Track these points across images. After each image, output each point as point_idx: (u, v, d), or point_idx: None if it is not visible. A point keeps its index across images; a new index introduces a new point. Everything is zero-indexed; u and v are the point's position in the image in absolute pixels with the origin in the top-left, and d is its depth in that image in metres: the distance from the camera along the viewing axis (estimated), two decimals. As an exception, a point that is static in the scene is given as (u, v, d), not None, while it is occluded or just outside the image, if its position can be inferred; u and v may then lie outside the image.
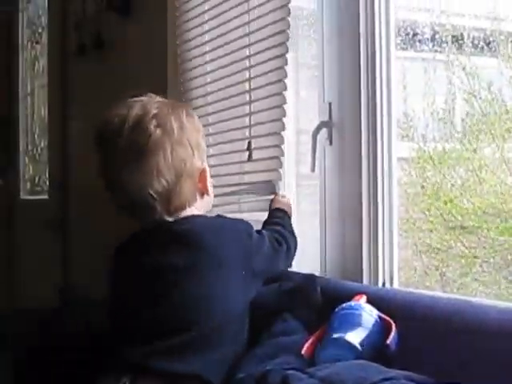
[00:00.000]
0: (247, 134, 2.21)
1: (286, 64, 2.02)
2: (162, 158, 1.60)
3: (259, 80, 2.15)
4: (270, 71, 2.08)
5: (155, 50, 2.92)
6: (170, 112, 1.65)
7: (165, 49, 2.77)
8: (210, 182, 1.74)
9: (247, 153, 2.17)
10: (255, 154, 2.17)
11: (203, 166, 1.70)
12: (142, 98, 1.69)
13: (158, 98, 1.71)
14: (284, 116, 2.03)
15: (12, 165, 5.11)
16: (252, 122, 2.20)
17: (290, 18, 2.01)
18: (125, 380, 1.51)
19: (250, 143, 2.17)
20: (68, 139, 4.06)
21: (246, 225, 1.73)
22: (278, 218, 1.93)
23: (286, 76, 2.02)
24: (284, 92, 2.03)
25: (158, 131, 1.60)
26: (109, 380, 1.53)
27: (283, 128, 2.05)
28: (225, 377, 1.55)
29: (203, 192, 1.71)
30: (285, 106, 2.04)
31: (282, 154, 2.06)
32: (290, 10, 2.01)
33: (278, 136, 2.06)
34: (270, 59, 2.09)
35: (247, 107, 2.22)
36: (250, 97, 2.21)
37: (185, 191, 1.64)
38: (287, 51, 2.01)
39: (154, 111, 1.63)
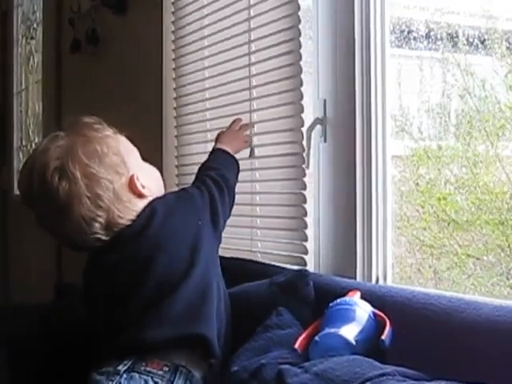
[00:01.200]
0: (254, 130, 2.20)
1: (301, 59, 2.00)
2: (81, 206, 1.60)
3: (269, 75, 2.13)
4: (282, 67, 2.06)
5: (150, 47, 2.92)
6: (68, 157, 1.62)
7: (160, 45, 2.77)
8: (146, 177, 1.73)
9: (249, 149, 2.16)
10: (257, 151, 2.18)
11: (128, 177, 1.68)
12: (43, 147, 1.66)
13: (59, 140, 1.66)
14: (302, 112, 2.01)
15: (5, 161, 5.10)
16: (256, 119, 2.19)
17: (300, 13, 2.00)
18: (126, 361, 1.54)
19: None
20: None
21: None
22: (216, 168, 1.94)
23: (301, 71, 2.01)
24: (301, 88, 2.01)
25: (64, 183, 1.60)
26: (111, 363, 1.55)
27: (302, 124, 2.02)
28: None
29: (140, 195, 1.70)
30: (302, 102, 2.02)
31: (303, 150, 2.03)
32: (299, 5, 2.00)
33: (294, 132, 2.05)
34: (280, 55, 2.07)
35: (249, 103, 2.22)
36: (251, 94, 2.20)
37: (121, 215, 1.65)
38: (300, 47, 2.00)
39: (53, 164, 1.61)
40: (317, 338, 1.47)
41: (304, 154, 2.00)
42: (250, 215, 2.21)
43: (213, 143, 2.05)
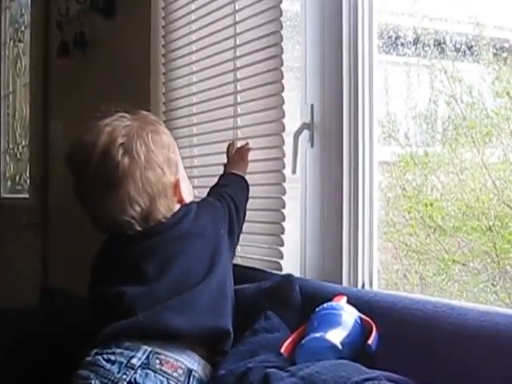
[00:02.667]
0: (239, 134, 2.20)
1: (282, 65, 2.00)
2: (132, 186, 1.63)
3: (251, 81, 2.14)
4: (264, 72, 2.07)
5: (139, 51, 2.92)
6: (136, 137, 1.66)
7: (148, 50, 2.77)
8: (186, 186, 1.79)
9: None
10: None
11: (176, 178, 1.73)
12: (110, 123, 1.69)
13: (126, 121, 1.71)
14: (283, 117, 2.01)
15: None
16: (240, 123, 2.20)
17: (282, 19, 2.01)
18: (140, 352, 1.53)
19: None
20: (49, 138, 4.04)
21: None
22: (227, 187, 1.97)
23: (282, 77, 2.01)
24: (282, 93, 2.01)
25: (126, 160, 1.63)
26: (119, 344, 1.54)
27: (283, 129, 2.02)
28: None
29: (180, 200, 1.75)
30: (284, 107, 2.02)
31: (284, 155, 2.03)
32: (281, 10, 2.00)
33: (276, 137, 2.05)
34: (262, 60, 2.07)
35: (233, 108, 2.22)
36: (236, 99, 2.20)
37: (161, 209, 1.68)
38: (282, 52, 2.00)
39: (121, 140, 1.65)
40: (303, 342, 1.47)
41: (284, 159, 2.00)
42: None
43: (198, 147, 2.06)
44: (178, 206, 1.74)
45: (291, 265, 2.03)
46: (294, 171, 2.00)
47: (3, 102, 5.04)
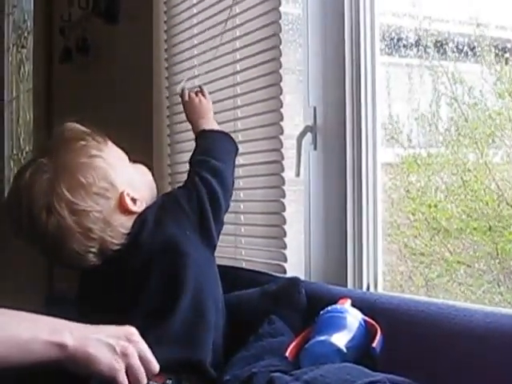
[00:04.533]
0: (239, 138, 2.20)
1: (281, 67, 2.00)
2: (73, 241, 1.59)
3: (250, 84, 2.14)
4: (264, 75, 2.07)
5: (141, 56, 2.92)
6: (54, 194, 1.58)
7: (151, 54, 2.77)
8: (137, 186, 1.71)
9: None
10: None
11: (117, 196, 1.65)
12: (27, 182, 1.62)
13: (44, 173, 1.61)
14: (282, 120, 2.01)
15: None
16: (240, 127, 2.20)
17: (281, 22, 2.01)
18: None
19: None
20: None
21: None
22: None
23: (281, 80, 2.00)
24: (280, 96, 2.01)
25: (53, 220, 1.57)
26: None
27: (282, 132, 2.02)
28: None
29: (131, 212, 1.66)
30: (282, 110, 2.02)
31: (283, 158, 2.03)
32: (280, 13, 2.00)
33: (275, 140, 2.05)
34: (261, 63, 2.07)
35: (233, 112, 2.23)
36: (236, 101, 2.21)
37: (115, 235, 1.63)
38: (281, 55, 2.00)
39: (41, 202, 1.58)
40: (307, 345, 1.47)
41: (283, 162, 2.00)
42: (234, 223, 2.20)
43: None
44: (133, 219, 1.67)
45: (295, 268, 2.03)
46: (297, 174, 2.00)
47: (7, 108, 5.05)
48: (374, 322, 1.53)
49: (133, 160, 1.77)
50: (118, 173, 1.66)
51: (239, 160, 2.18)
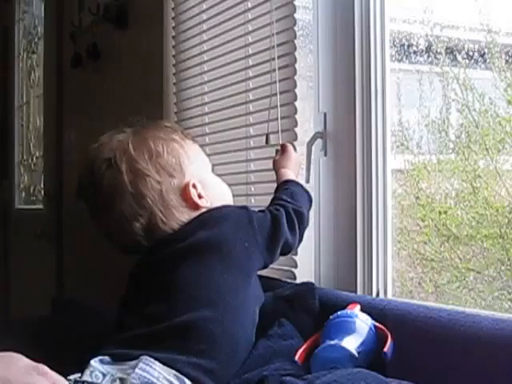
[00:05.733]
0: (251, 143, 2.21)
1: (295, 74, 2.00)
2: (123, 202, 1.55)
3: (264, 90, 2.14)
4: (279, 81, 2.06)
5: (152, 61, 2.93)
6: (120, 149, 1.58)
7: (161, 60, 2.78)
8: (206, 187, 1.64)
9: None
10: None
11: (185, 182, 1.60)
12: (102, 139, 1.64)
13: (120, 135, 1.63)
14: (296, 126, 2.01)
15: (7, 174, 5.11)
16: (252, 133, 2.21)
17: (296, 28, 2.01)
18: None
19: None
20: (63, 149, 4.06)
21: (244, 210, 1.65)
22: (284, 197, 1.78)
23: (295, 86, 2.01)
24: (295, 103, 2.01)
25: (109, 174, 1.56)
26: None
27: (296, 138, 2.02)
28: None
29: (193, 203, 1.60)
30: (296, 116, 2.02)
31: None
32: (295, 20, 2.00)
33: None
34: (275, 70, 2.05)
35: (245, 118, 2.23)
36: (248, 108, 2.21)
37: (167, 215, 1.56)
38: (295, 61, 2.00)
39: (106, 155, 1.58)
40: (318, 350, 1.47)
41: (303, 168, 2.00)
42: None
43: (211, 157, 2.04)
44: (194, 213, 1.59)
45: (305, 273, 2.03)
46: (307, 180, 2.00)
47: (17, 113, 5.07)
48: (383, 327, 1.53)
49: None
50: (192, 164, 1.64)
51: (251, 166, 2.19)
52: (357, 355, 1.43)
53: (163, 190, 1.56)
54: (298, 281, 1.97)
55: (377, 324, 1.55)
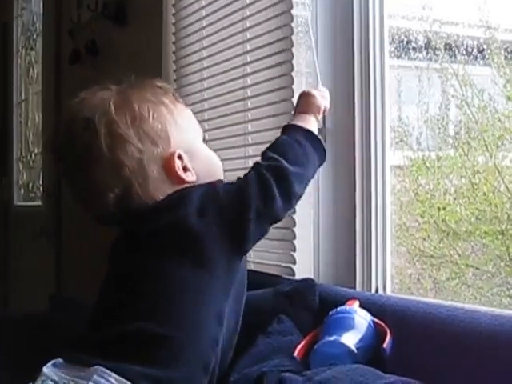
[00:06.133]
0: (249, 140, 2.21)
1: (293, 70, 1.99)
2: (97, 167, 1.40)
3: (261, 86, 2.14)
4: (275, 78, 2.06)
5: (150, 58, 2.93)
6: (101, 109, 1.43)
7: (160, 57, 2.78)
8: (194, 158, 1.49)
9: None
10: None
11: (169, 151, 1.43)
12: (84, 95, 1.51)
13: (105, 93, 1.50)
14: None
15: (6, 172, 5.10)
16: (250, 129, 2.20)
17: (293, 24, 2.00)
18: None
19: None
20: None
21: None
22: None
23: (292, 82, 2.00)
24: (292, 98, 1.99)
25: (86, 135, 1.41)
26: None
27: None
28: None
29: (177, 177, 1.44)
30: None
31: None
32: (292, 16, 1.99)
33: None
34: (273, 66, 2.07)
35: (243, 114, 2.23)
36: (246, 104, 2.21)
37: (144, 188, 1.40)
38: (293, 58, 1.99)
39: (85, 114, 1.43)
40: (317, 345, 1.47)
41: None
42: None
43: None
44: (176, 188, 1.43)
45: (305, 270, 2.03)
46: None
47: (16, 110, 5.06)
48: (382, 323, 1.54)
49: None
50: (180, 132, 1.48)
51: (249, 163, 2.19)
52: (356, 351, 1.44)
53: (144, 159, 1.40)
54: (297, 277, 1.97)
55: (376, 320, 1.55)
